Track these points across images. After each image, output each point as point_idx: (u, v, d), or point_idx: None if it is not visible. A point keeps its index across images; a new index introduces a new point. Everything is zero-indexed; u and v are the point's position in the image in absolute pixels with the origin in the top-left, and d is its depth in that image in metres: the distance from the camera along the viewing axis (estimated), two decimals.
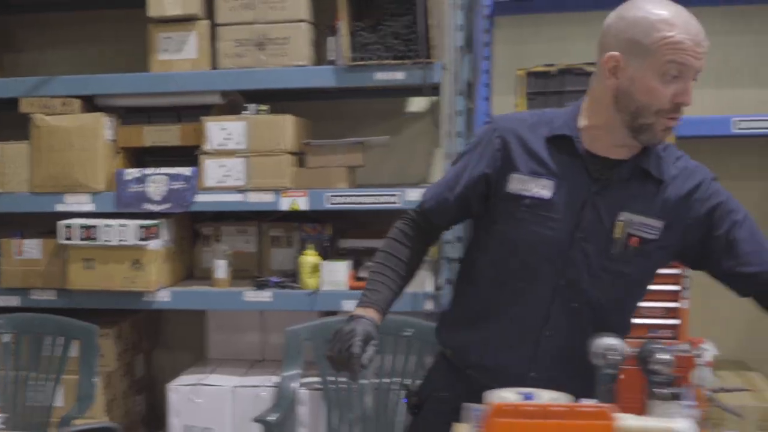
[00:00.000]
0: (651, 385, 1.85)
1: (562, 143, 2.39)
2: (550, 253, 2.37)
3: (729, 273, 2.43)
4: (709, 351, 3.74)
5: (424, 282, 4.13)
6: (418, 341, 3.80)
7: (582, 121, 2.40)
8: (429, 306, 4.11)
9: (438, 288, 4.12)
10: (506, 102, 4.24)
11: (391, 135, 4.60)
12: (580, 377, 2.21)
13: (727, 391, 3.97)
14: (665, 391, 1.82)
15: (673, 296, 3.75)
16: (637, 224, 2.35)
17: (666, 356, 2.08)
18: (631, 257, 2.37)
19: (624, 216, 2.35)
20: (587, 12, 4.49)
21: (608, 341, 2.12)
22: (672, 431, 1.61)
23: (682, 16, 2.26)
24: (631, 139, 2.33)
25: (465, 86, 4.12)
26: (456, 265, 4.06)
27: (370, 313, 2.43)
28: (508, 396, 1.85)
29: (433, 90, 4.09)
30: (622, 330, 2.46)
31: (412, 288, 4.08)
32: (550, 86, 3.92)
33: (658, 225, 2.37)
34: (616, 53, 2.28)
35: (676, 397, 1.82)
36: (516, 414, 1.60)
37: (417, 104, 4.68)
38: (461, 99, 4.08)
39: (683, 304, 3.74)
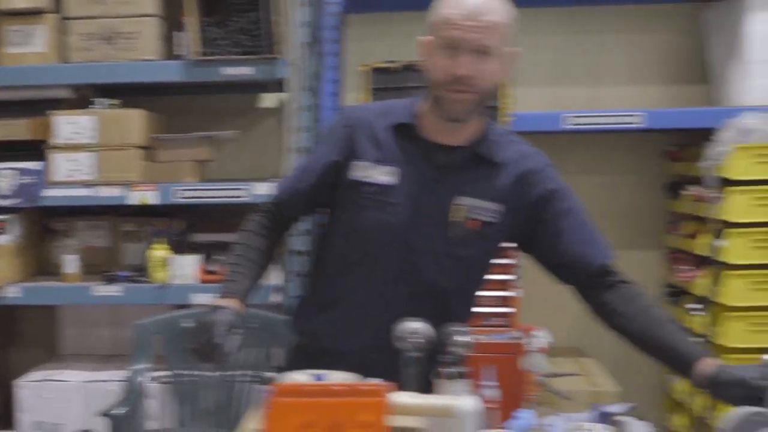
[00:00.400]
0: (439, 365, 1.90)
1: (406, 131, 2.45)
2: (391, 238, 2.42)
3: (552, 260, 2.50)
4: (541, 338, 3.85)
5: (272, 274, 4.14)
6: (265, 333, 3.80)
7: (422, 110, 2.47)
8: (276, 298, 4.12)
9: (286, 280, 4.14)
10: (355, 98, 4.28)
11: (244, 131, 4.61)
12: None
13: (559, 376, 4.09)
14: (451, 370, 1.87)
15: (505, 285, 3.83)
16: (475, 208, 2.41)
17: (465, 338, 2.13)
18: (470, 240, 2.43)
19: (462, 200, 2.41)
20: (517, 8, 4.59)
21: (411, 325, 2.16)
22: (445, 408, 1.65)
23: None
24: (447, 120, 2.40)
25: (311, 82, 4.14)
26: (303, 257, 4.10)
27: (231, 303, 2.42)
28: (299, 377, 1.88)
29: (280, 86, 4.10)
30: (464, 316, 2.50)
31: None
32: (392, 82, 3.97)
33: (496, 208, 2.43)
34: (429, 37, 2.38)
35: (462, 376, 1.87)
36: (298, 393, 1.63)
37: (268, 100, 4.68)
38: (307, 95, 4.11)
39: (516, 293, 3.83)
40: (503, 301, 3.85)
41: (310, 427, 1.55)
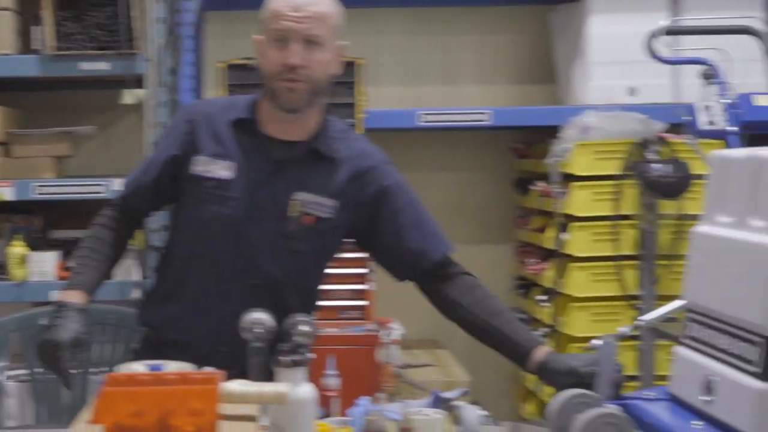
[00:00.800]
0: (277, 354, 1.93)
1: (246, 127, 2.47)
2: (227, 231, 2.44)
3: (391, 256, 2.54)
4: (396, 330, 3.92)
5: (130, 270, 4.12)
6: (124, 329, 3.77)
7: (261, 106, 2.50)
8: (136, 294, 4.10)
9: (145, 276, 4.12)
10: (214, 95, 4.28)
11: (105, 127, 4.57)
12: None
13: (414, 367, 4.17)
14: (289, 358, 1.90)
15: (359, 279, 3.89)
16: (311, 203, 2.43)
17: (306, 328, 2.16)
18: (305, 235, 2.45)
19: (299, 195, 2.43)
20: (366, 9, 4.68)
21: (254, 315, 2.18)
22: (277, 395, 1.69)
23: None
24: (280, 111, 2.43)
25: (169, 78, 4.13)
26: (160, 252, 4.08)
27: (76, 297, 2.39)
28: (136, 367, 1.90)
29: (137, 82, 4.08)
30: (303, 310, 2.51)
31: (119, 276, 4.09)
32: (249, 79, 3.97)
33: (332, 204, 2.45)
34: (261, 36, 2.44)
35: (299, 364, 1.91)
36: (128, 383, 1.65)
37: (129, 96, 4.64)
38: (164, 91, 4.10)
39: (370, 286, 3.89)
40: (358, 294, 3.91)
41: (140, 415, 1.56)
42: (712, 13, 4.04)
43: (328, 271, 2.61)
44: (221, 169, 2.44)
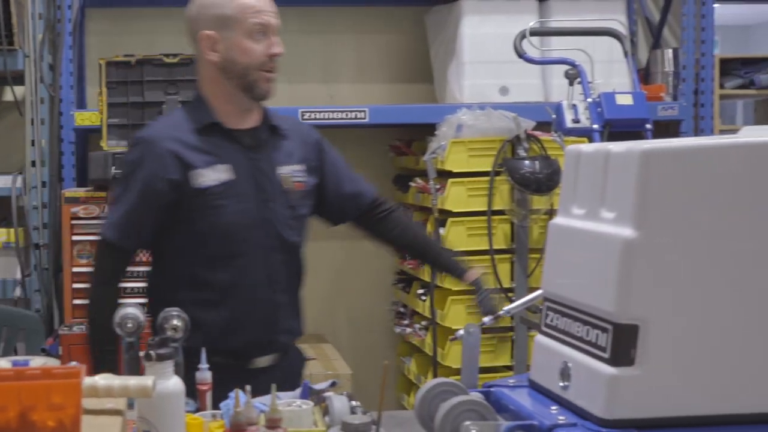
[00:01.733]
0: (148, 348, 1.90)
1: (210, 131, 2.53)
2: (252, 221, 2.53)
3: (333, 200, 2.75)
4: None
5: (12, 269, 4.02)
6: (8, 328, 3.69)
7: (213, 105, 2.56)
8: (18, 293, 4.02)
9: (26, 275, 4.03)
10: (96, 92, 4.20)
11: None
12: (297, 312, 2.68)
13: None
14: (158, 352, 1.87)
15: None
16: (291, 173, 2.60)
17: (176, 322, 2.14)
18: (302, 200, 2.64)
19: (282, 170, 2.58)
20: (174, 8, 4.56)
21: (126, 311, 2.15)
22: (141, 389, 1.66)
23: None
24: (250, 101, 2.55)
25: (49, 74, 4.04)
26: (44, 251, 4.00)
27: None
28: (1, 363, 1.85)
29: (16, 79, 3.98)
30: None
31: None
32: (130, 76, 3.91)
33: (302, 168, 2.64)
34: (209, 32, 2.50)
35: (166, 357, 1.88)
36: None
37: (10, 93, 4.52)
38: (43, 87, 4.01)
39: None
40: None
41: (0, 411, 1.52)
42: (579, 16, 4.14)
43: None
44: (221, 173, 2.51)
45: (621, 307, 1.66)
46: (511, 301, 3.87)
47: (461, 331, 2.09)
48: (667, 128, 4.56)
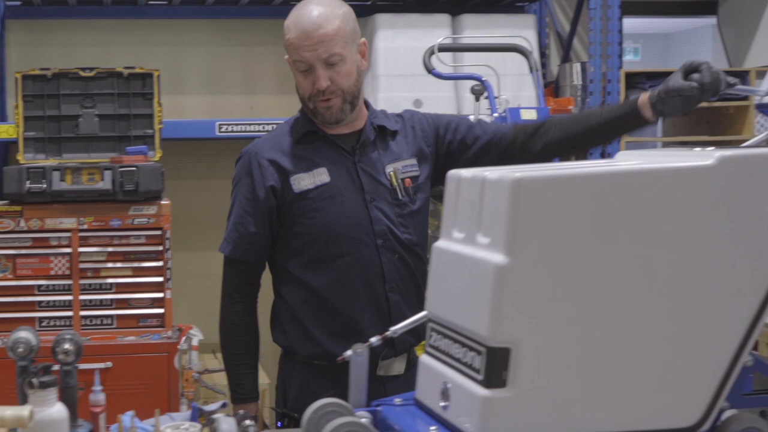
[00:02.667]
0: (28, 376, 1.86)
1: (312, 139, 2.53)
2: (356, 221, 2.49)
3: (484, 159, 2.59)
4: (195, 336, 3.87)
5: None
6: None
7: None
8: None
9: None
10: (13, 104, 4.14)
11: None
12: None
13: (212, 372, 4.13)
14: (38, 380, 1.83)
15: (157, 287, 3.82)
16: (401, 169, 2.54)
17: (70, 346, 2.10)
18: (413, 195, 2.56)
19: (389, 167, 2.53)
20: (95, 19, 4.53)
21: (18, 334, 2.10)
22: (17, 419, 1.63)
23: (300, 13, 2.43)
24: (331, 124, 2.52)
25: None
26: None
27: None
28: None
29: None
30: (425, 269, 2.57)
31: None
32: (46, 89, 3.87)
33: (414, 162, 2.57)
34: (287, 56, 2.49)
35: (48, 385, 1.84)
36: None
37: None
38: None
39: (167, 294, 3.82)
40: (156, 303, 3.83)
41: None
42: (490, 30, 4.16)
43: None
44: (319, 177, 2.49)
45: (493, 330, 1.67)
46: None
47: (349, 352, 2.08)
48: None
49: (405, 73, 4.26)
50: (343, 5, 2.48)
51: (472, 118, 3.68)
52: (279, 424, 2.59)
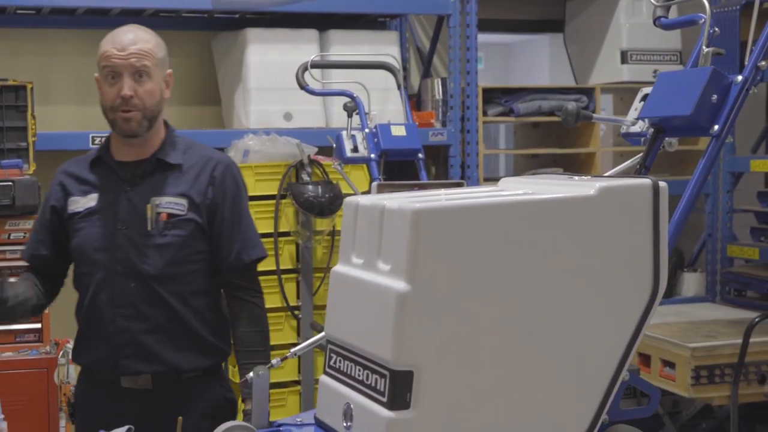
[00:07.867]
0: None
1: (99, 164, 2.64)
2: (101, 245, 2.58)
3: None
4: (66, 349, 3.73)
5: None
6: None
7: (111, 140, 2.65)
8: None
9: None
10: None
11: None
12: (175, 343, 2.56)
13: None
14: None
15: None
16: (164, 204, 2.56)
17: None
18: (164, 229, 2.57)
19: (154, 200, 2.57)
20: (36, 29, 4.36)
21: None
22: None
23: (117, 33, 2.56)
24: (124, 137, 2.57)
25: None
26: None
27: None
28: None
29: None
30: (196, 311, 2.59)
31: None
32: None
33: (183, 202, 2.58)
34: (97, 75, 2.60)
35: None
36: None
37: None
38: None
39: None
40: (34, 318, 3.68)
41: None
42: (356, 45, 4.17)
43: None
44: (88, 201, 2.60)
45: (396, 354, 1.68)
46: (298, 319, 3.89)
47: (251, 374, 2.05)
48: (438, 151, 4.67)
49: (275, 86, 4.22)
50: (157, 37, 2.62)
51: (344, 134, 3.69)
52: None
